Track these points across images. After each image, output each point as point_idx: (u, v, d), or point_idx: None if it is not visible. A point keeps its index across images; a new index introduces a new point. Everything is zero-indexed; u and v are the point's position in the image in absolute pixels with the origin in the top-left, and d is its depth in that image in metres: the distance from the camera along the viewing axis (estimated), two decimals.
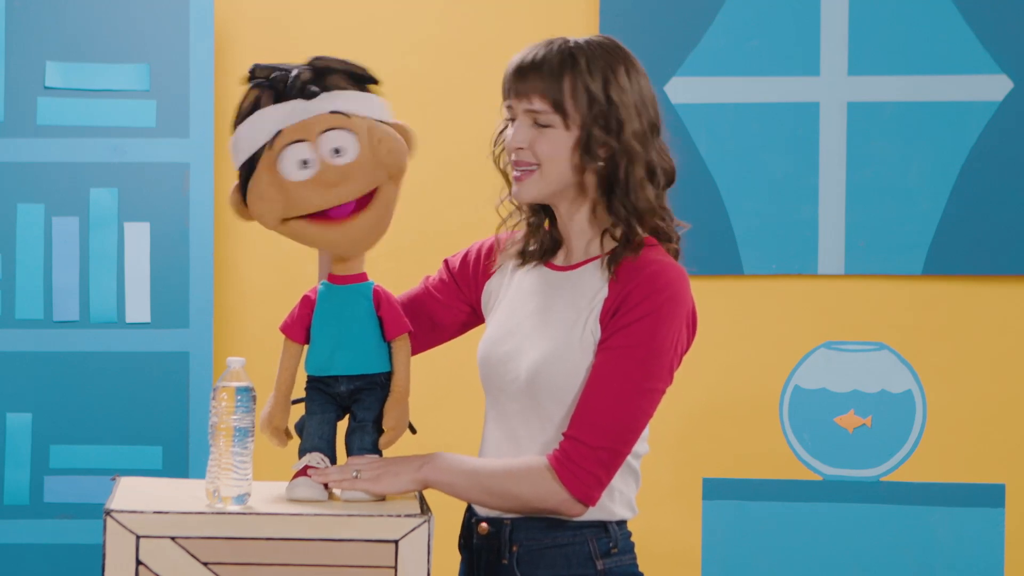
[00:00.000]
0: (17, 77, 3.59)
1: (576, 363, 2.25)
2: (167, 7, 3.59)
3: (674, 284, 2.23)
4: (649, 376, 2.21)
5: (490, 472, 2.26)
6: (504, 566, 2.31)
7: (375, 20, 3.72)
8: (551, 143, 2.26)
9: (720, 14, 3.65)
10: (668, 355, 2.23)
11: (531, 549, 2.29)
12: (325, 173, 2.23)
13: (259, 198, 2.25)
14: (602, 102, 2.24)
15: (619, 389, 2.20)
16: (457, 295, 2.47)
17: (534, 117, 2.26)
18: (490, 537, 2.33)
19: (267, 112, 2.26)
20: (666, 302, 2.21)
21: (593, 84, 2.24)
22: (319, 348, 2.31)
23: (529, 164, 2.28)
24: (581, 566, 2.28)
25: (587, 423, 2.21)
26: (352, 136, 2.26)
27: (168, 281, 3.59)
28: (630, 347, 2.20)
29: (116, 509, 2.13)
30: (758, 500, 3.66)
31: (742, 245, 3.64)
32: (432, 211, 3.64)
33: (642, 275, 2.23)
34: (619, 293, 2.23)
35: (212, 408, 2.20)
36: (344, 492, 2.25)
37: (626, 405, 2.21)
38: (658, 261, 2.25)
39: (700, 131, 3.63)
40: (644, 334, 2.20)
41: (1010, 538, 3.61)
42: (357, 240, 2.28)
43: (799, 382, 3.67)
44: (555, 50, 2.26)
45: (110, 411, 3.57)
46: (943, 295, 3.64)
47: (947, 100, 3.62)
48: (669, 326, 2.22)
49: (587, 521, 2.28)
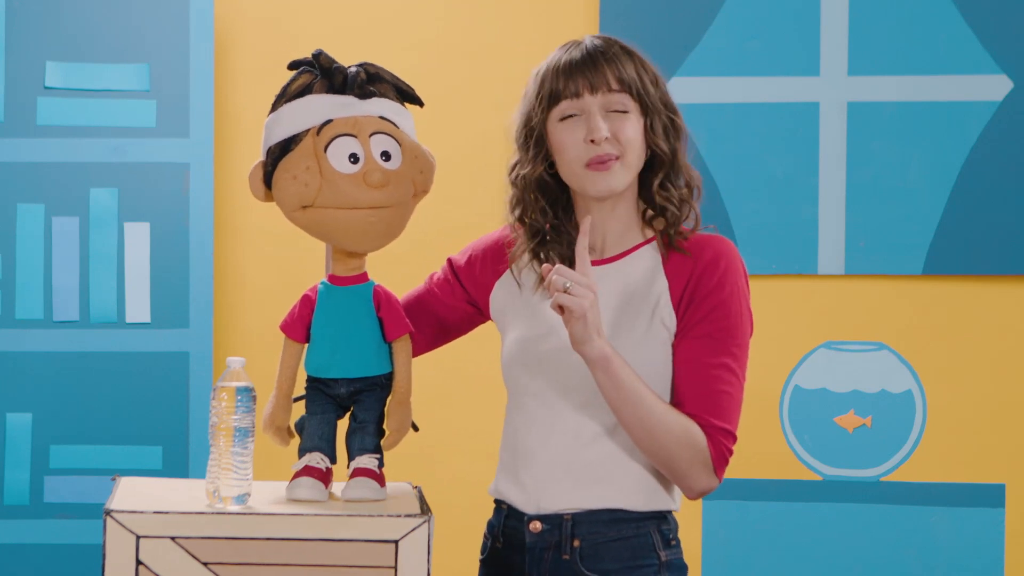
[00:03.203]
0: (17, 77, 3.59)
1: (646, 351, 2.28)
2: (167, 7, 3.60)
3: (736, 256, 2.32)
4: (744, 352, 2.31)
5: (663, 412, 2.25)
6: (565, 562, 2.29)
7: (375, 20, 3.72)
8: (632, 128, 2.29)
9: (720, 14, 3.65)
10: (750, 326, 2.33)
11: (595, 543, 2.29)
12: (372, 173, 2.24)
13: (293, 178, 2.24)
14: (659, 86, 2.32)
15: (730, 372, 2.28)
16: (462, 294, 2.47)
17: (608, 106, 2.29)
18: (545, 534, 2.31)
19: (319, 99, 2.27)
20: (736, 278, 2.30)
21: (647, 70, 2.32)
22: (319, 349, 2.31)
23: (611, 155, 2.29)
24: (646, 557, 2.29)
25: (717, 410, 2.27)
26: (397, 145, 2.28)
27: (168, 281, 3.59)
28: (724, 330, 2.28)
29: (116, 509, 2.13)
30: (758, 500, 3.66)
31: (742, 245, 3.64)
32: (432, 211, 3.63)
33: (707, 255, 2.30)
34: (688, 276, 2.29)
35: (212, 408, 2.20)
36: (345, 492, 2.25)
37: (738, 385, 2.29)
38: (713, 238, 2.33)
39: (700, 131, 3.61)
40: (731, 315, 2.28)
41: (1010, 538, 3.61)
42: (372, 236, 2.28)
43: (799, 382, 3.67)
44: (603, 43, 2.32)
45: (110, 411, 3.57)
46: (943, 295, 3.64)
47: (947, 100, 3.62)
48: (746, 301, 2.32)
49: (649, 512, 2.29)
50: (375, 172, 2.25)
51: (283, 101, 2.29)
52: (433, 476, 3.27)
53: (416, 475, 2.70)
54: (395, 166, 2.27)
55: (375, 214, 2.26)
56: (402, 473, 2.61)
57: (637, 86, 2.29)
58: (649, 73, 2.32)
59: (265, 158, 2.29)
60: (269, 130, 2.28)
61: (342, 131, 2.26)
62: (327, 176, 2.24)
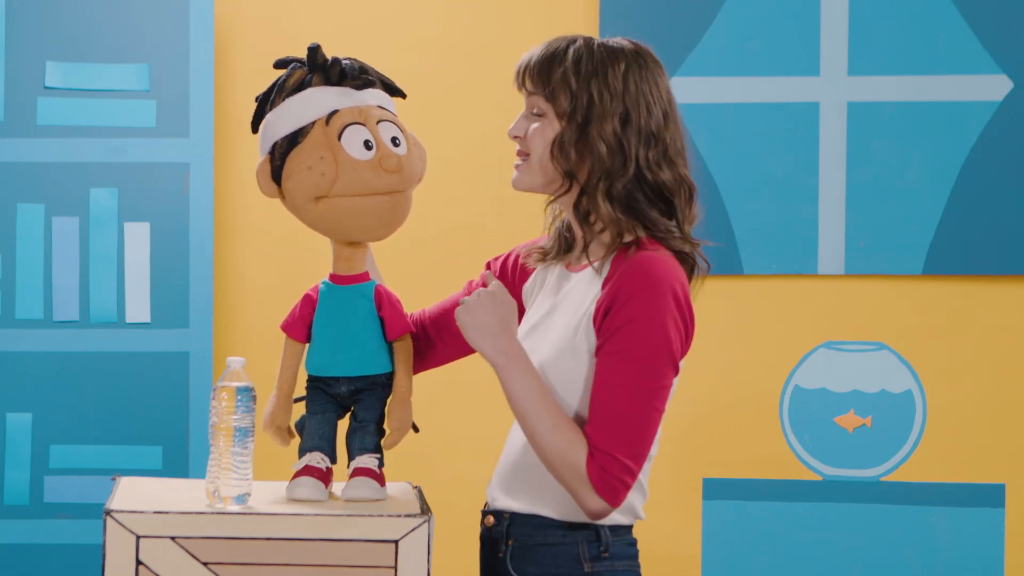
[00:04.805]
0: (17, 77, 3.59)
1: (571, 366, 2.25)
2: (167, 7, 3.59)
3: (656, 275, 2.20)
4: (654, 374, 2.20)
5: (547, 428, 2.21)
6: (499, 559, 2.32)
7: (375, 20, 3.72)
8: (540, 133, 2.28)
9: (720, 14, 3.65)
10: (667, 347, 2.20)
11: (524, 545, 2.29)
12: (389, 159, 2.25)
13: (308, 169, 2.24)
14: (583, 100, 2.24)
15: (631, 395, 2.19)
16: None
17: (531, 106, 2.29)
18: (493, 529, 2.34)
19: (320, 91, 2.28)
20: (654, 296, 2.18)
21: (578, 80, 2.24)
22: (320, 348, 2.31)
23: (521, 152, 2.31)
24: (569, 566, 2.28)
25: (608, 433, 2.18)
26: (401, 132, 2.30)
27: (168, 281, 3.58)
28: (630, 350, 2.18)
29: (116, 509, 2.13)
30: (758, 500, 3.66)
31: (742, 245, 3.64)
32: (432, 211, 3.64)
33: (625, 273, 2.21)
34: (607, 293, 2.22)
35: (212, 408, 2.20)
36: (345, 492, 2.25)
37: (640, 409, 2.19)
38: (646, 257, 2.22)
39: (700, 131, 3.63)
40: (641, 334, 2.18)
41: (1010, 538, 3.61)
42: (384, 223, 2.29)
43: (799, 382, 3.67)
44: (550, 44, 2.29)
45: (110, 411, 3.56)
46: (943, 295, 3.64)
47: (947, 100, 3.62)
48: (663, 319, 2.19)
49: (577, 523, 2.28)
50: (391, 157, 2.26)
51: (281, 97, 2.29)
52: (433, 476, 3.26)
53: (416, 475, 2.71)
54: (403, 151, 2.28)
55: (390, 199, 2.27)
56: (402, 473, 2.61)
57: (553, 91, 2.25)
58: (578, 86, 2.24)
59: (272, 154, 2.28)
60: (271, 126, 2.28)
61: (352, 119, 2.26)
62: (343, 164, 2.24)
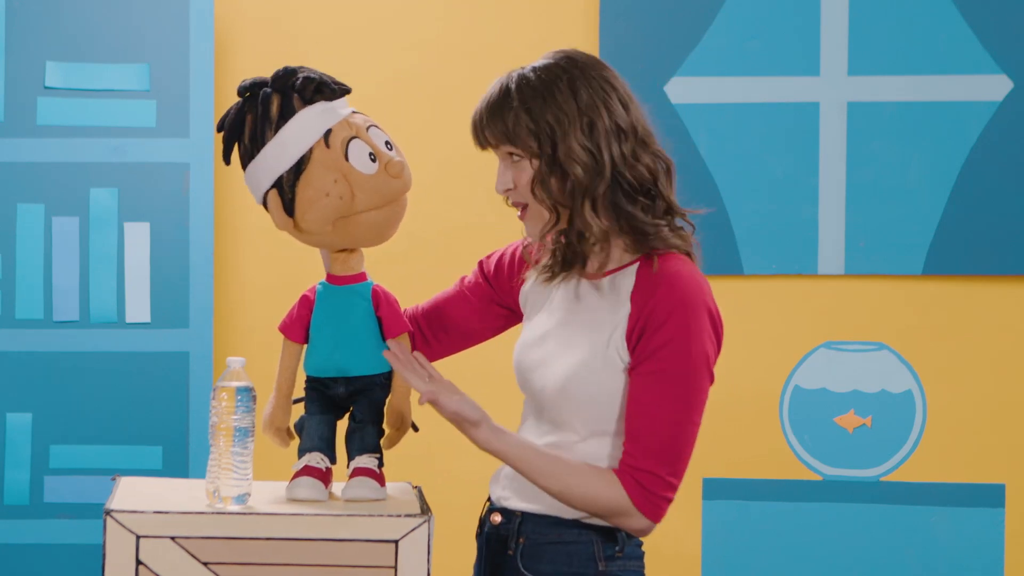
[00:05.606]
0: (17, 77, 3.59)
1: (601, 379, 2.25)
2: (167, 7, 3.60)
3: (690, 294, 2.23)
4: (692, 390, 2.23)
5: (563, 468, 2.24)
6: (509, 557, 2.31)
7: (375, 20, 3.72)
8: (526, 174, 2.27)
9: (720, 14, 3.65)
10: (705, 362, 2.24)
11: (537, 543, 2.30)
12: (392, 164, 2.25)
13: (326, 196, 2.23)
14: (546, 131, 2.24)
15: (669, 413, 2.22)
16: (491, 296, 2.47)
17: (502, 157, 2.29)
18: (500, 528, 2.33)
19: (306, 113, 2.24)
20: (689, 316, 2.22)
21: (531, 115, 2.24)
22: (318, 349, 2.31)
23: (519, 204, 2.30)
24: (582, 565, 2.28)
25: (648, 451, 2.21)
26: (387, 134, 2.30)
27: (168, 281, 3.59)
28: (668, 371, 2.21)
29: (116, 509, 2.13)
30: (758, 500, 3.66)
31: (742, 245, 3.64)
32: (432, 211, 3.64)
33: (660, 291, 2.22)
34: (641, 310, 2.23)
35: (212, 408, 2.20)
36: (344, 492, 2.25)
37: (679, 426, 2.22)
38: (675, 273, 2.24)
39: (700, 131, 3.63)
40: (678, 355, 2.21)
41: (1010, 538, 3.61)
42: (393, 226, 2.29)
43: (799, 382, 3.67)
44: (486, 101, 2.29)
45: (110, 411, 3.57)
46: (943, 295, 3.64)
47: (947, 100, 3.62)
48: (700, 338, 2.23)
49: (594, 524, 2.28)
50: (394, 164, 2.25)
51: (271, 130, 2.24)
52: (433, 476, 3.26)
53: (416, 475, 2.71)
54: (397, 153, 2.29)
55: (399, 203, 2.28)
56: (402, 473, 2.61)
57: (515, 134, 2.25)
58: (530, 119, 2.24)
59: (279, 187, 2.25)
60: (272, 160, 2.24)
61: (347, 135, 2.25)
62: (356, 182, 2.23)
